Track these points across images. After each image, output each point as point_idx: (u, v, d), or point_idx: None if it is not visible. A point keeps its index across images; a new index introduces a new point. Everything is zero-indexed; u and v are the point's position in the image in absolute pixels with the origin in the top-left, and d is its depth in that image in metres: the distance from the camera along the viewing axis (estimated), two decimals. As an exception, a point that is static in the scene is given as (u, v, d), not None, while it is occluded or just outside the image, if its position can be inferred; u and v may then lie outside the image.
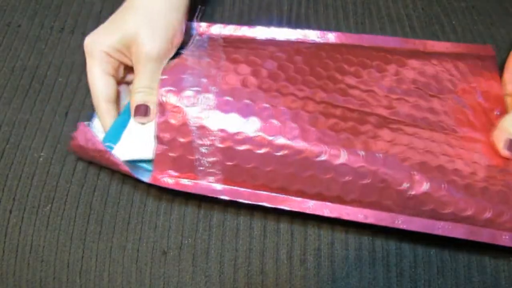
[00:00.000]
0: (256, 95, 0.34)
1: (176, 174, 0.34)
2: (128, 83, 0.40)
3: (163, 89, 0.34)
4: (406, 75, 0.38)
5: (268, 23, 0.46)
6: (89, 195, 0.37)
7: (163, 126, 0.33)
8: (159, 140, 0.34)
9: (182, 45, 0.39)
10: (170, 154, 0.34)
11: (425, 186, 0.32)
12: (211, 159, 0.33)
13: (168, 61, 0.37)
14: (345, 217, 0.33)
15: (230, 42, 0.39)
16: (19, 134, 0.39)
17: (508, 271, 0.35)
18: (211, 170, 0.34)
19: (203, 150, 0.33)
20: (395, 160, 0.33)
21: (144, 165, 0.36)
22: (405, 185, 0.32)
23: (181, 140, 0.33)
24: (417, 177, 0.32)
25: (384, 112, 0.35)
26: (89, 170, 0.38)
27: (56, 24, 0.46)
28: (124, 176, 0.37)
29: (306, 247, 0.35)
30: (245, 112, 0.33)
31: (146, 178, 0.34)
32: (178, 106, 0.33)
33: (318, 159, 0.32)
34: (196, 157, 0.33)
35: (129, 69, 0.38)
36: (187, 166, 0.34)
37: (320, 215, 0.33)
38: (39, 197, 0.37)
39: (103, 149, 0.34)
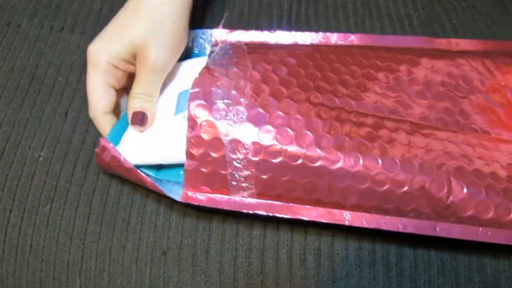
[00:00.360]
0: (288, 107, 0.33)
1: (208, 190, 0.33)
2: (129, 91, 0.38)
3: (194, 102, 0.33)
4: (434, 77, 0.37)
5: (268, 23, 0.46)
6: (89, 195, 0.37)
7: (194, 141, 0.32)
8: (189, 155, 0.33)
9: (185, 51, 0.39)
10: (202, 170, 0.33)
11: (463, 192, 0.32)
12: (244, 173, 0.32)
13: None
14: (384, 227, 0.32)
15: (255, 49, 0.38)
16: (19, 134, 0.39)
17: (509, 271, 0.35)
18: (244, 185, 0.33)
19: (236, 164, 0.32)
20: (431, 167, 0.32)
21: (144, 170, 0.36)
22: (444, 192, 0.32)
23: (213, 154, 0.32)
24: (455, 182, 0.32)
25: (415, 118, 0.35)
26: (89, 170, 0.38)
27: (56, 24, 0.46)
28: (124, 176, 0.37)
29: (306, 247, 0.35)
30: (278, 124, 0.32)
31: (177, 196, 0.33)
32: (209, 120, 0.32)
33: (354, 169, 0.32)
34: (229, 171, 0.32)
35: (133, 76, 0.37)
36: (219, 181, 0.33)
37: (359, 226, 0.33)
38: (39, 197, 0.37)
39: (130, 167, 0.33)
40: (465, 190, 0.32)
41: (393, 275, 0.34)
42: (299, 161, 0.32)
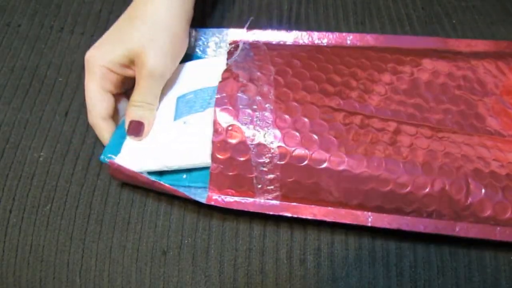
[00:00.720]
0: (312, 112, 0.34)
1: (233, 192, 0.34)
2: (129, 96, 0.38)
3: (220, 107, 0.33)
4: (450, 81, 0.38)
5: (268, 22, 0.46)
6: (89, 195, 0.37)
7: (220, 145, 0.33)
8: (214, 159, 0.33)
9: (188, 53, 0.39)
10: (227, 173, 0.33)
11: (482, 193, 0.33)
12: (270, 176, 0.33)
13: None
14: (406, 228, 0.33)
15: (274, 49, 0.38)
16: (19, 134, 0.39)
17: (509, 271, 0.35)
18: (269, 187, 0.33)
19: (261, 168, 0.33)
20: (450, 169, 0.33)
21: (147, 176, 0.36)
22: (463, 193, 0.32)
23: (239, 158, 0.33)
24: (473, 184, 0.33)
25: (432, 122, 0.36)
26: (89, 170, 0.38)
27: (56, 24, 0.46)
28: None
29: (306, 247, 0.35)
30: (302, 129, 0.33)
31: (202, 198, 0.34)
32: (235, 125, 0.33)
33: (377, 173, 0.32)
34: (255, 174, 0.33)
35: (133, 81, 0.37)
36: (245, 184, 0.33)
37: (380, 227, 0.33)
38: (39, 197, 0.37)
39: (150, 181, 0.34)
40: (482, 191, 0.33)
41: (393, 275, 0.34)
42: (324, 165, 0.32)
